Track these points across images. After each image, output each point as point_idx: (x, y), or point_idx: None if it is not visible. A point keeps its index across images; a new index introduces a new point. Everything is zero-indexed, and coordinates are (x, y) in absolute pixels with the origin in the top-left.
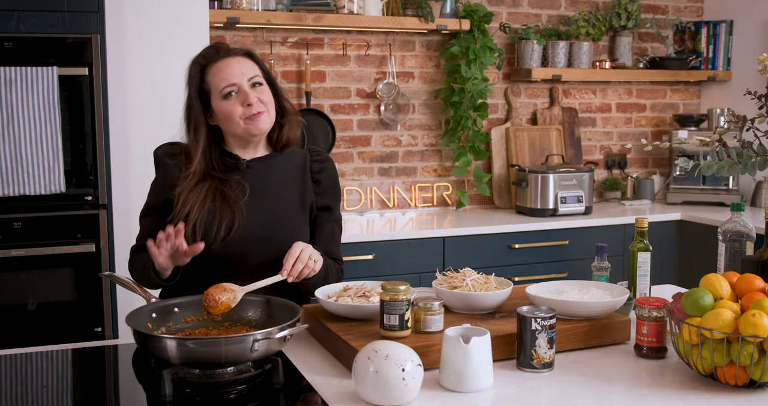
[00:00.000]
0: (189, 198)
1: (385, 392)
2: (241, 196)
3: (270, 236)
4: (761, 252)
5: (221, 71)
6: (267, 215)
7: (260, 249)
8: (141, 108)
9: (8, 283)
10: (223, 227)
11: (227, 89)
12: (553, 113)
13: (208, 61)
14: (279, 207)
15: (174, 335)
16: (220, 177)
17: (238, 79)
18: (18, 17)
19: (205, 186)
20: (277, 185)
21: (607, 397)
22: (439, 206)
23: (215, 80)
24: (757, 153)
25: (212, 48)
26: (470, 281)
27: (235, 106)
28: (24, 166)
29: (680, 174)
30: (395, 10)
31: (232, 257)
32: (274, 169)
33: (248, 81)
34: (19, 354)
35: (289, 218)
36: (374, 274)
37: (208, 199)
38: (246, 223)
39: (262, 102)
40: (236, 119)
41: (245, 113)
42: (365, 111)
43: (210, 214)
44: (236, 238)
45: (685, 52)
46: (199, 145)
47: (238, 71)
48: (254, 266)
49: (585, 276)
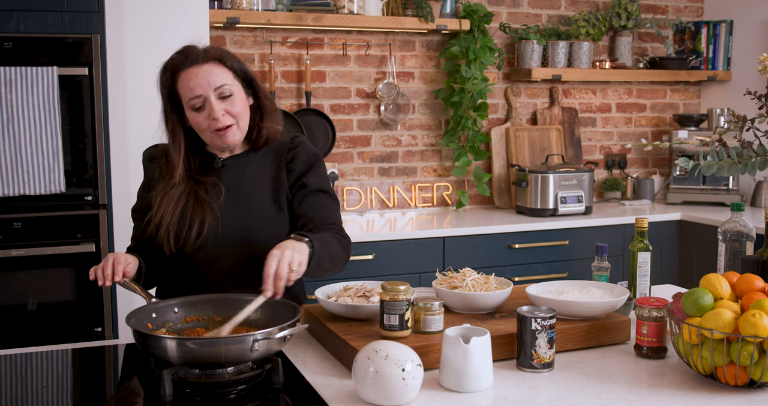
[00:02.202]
0: (163, 202)
1: (385, 392)
2: (216, 197)
3: (244, 237)
4: (761, 252)
5: (189, 80)
6: (242, 215)
7: (236, 251)
8: (141, 108)
9: (8, 283)
10: (194, 228)
11: (193, 101)
12: (553, 113)
13: (178, 68)
14: (254, 207)
15: (174, 335)
16: (197, 179)
17: (204, 90)
18: (18, 17)
19: (180, 188)
20: (253, 184)
21: (607, 397)
22: (439, 206)
23: (183, 90)
24: (757, 153)
25: (181, 54)
26: (470, 281)
27: (201, 118)
28: (24, 166)
29: (680, 174)
30: (395, 10)
31: (208, 259)
32: (250, 167)
33: (215, 92)
34: (19, 354)
35: (264, 218)
36: (374, 274)
37: (181, 201)
38: (220, 224)
39: (230, 115)
40: (204, 132)
41: (212, 127)
42: (365, 111)
43: (182, 217)
44: (210, 240)
45: (685, 52)
46: (180, 150)
47: (204, 82)
48: (231, 268)
49: (585, 276)
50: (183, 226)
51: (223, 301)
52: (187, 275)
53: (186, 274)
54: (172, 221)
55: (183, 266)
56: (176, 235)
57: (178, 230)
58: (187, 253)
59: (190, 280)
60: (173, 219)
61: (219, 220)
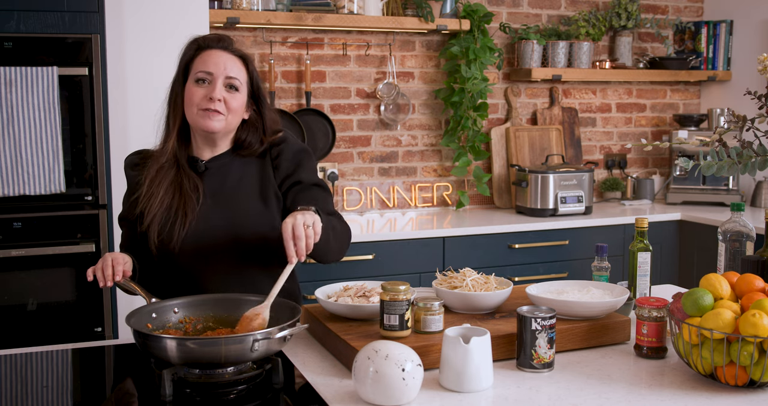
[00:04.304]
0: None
1: (385, 392)
2: (198, 200)
3: (233, 237)
4: (761, 252)
5: (209, 57)
6: (228, 216)
7: (224, 251)
8: (141, 108)
9: (8, 283)
10: (177, 223)
11: (201, 74)
12: (553, 113)
13: (206, 45)
14: (239, 204)
15: (174, 334)
16: (185, 170)
17: (216, 70)
18: (18, 17)
19: (169, 175)
20: (236, 183)
21: (607, 397)
22: (439, 206)
23: (198, 63)
24: (757, 153)
25: (215, 36)
26: (470, 281)
27: (199, 93)
28: (24, 166)
29: (680, 174)
30: (395, 10)
31: (197, 260)
32: (233, 167)
33: (226, 79)
34: (19, 354)
35: (251, 214)
36: (374, 274)
37: (168, 193)
38: (207, 225)
39: (226, 105)
40: (193, 107)
41: (202, 104)
42: (365, 111)
43: (168, 209)
44: (198, 240)
45: (685, 52)
46: (175, 123)
47: (222, 65)
48: (221, 268)
49: (585, 276)
50: (168, 219)
51: (223, 301)
52: (176, 276)
53: (175, 275)
54: (158, 213)
55: (174, 272)
56: (161, 229)
57: (163, 223)
58: (173, 253)
59: (182, 283)
60: (160, 211)
61: (204, 222)
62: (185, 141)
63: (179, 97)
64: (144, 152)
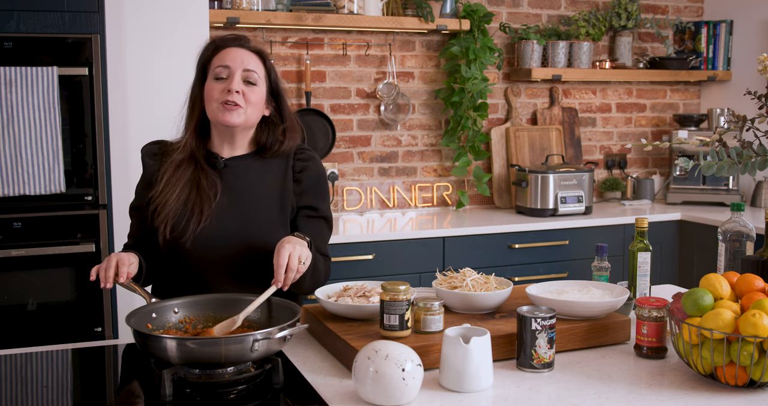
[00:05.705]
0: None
1: (385, 392)
2: (215, 196)
3: (244, 238)
4: (761, 252)
5: (227, 55)
6: (242, 215)
7: (235, 251)
8: (141, 108)
9: (8, 283)
10: (193, 220)
11: (219, 70)
12: (553, 113)
13: (223, 45)
14: (256, 208)
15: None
16: (202, 167)
17: (234, 64)
18: (18, 17)
19: (187, 173)
20: (254, 186)
21: (607, 397)
22: (439, 206)
23: (216, 60)
24: (757, 153)
25: (232, 36)
26: (470, 281)
27: (218, 87)
28: (24, 166)
29: (680, 174)
30: (395, 10)
31: (205, 256)
32: (252, 169)
33: (243, 72)
34: (19, 354)
35: (266, 220)
36: (374, 274)
37: (185, 189)
38: (220, 224)
39: (244, 98)
40: (213, 102)
41: (221, 98)
42: (365, 111)
43: (185, 205)
44: (210, 237)
45: (685, 52)
46: (193, 122)
47: (239, 60)
48: (229, 270)
49: (585, 276)
50: (183, 215)
51: (223, 301)
52: (184, 277)
53: (183, 276)
54: (174, 208)
55: (180, 269)
56: (175, 223)
57: (178, 218)
58: (183, 248)
59: (187, 282)
60: (176, 206)
61: (218, 221)
62: (203, 138)
63: (198, 98)
64: (163, 143)
